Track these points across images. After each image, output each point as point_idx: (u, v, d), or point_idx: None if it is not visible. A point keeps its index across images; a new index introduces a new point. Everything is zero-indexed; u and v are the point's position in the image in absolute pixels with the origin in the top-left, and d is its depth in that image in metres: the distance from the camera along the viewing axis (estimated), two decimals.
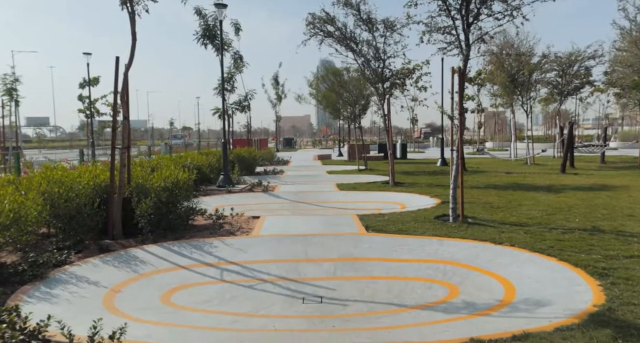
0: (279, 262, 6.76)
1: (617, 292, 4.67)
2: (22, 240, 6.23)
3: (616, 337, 3.63)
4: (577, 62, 22.59)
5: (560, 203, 10.18)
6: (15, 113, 19.84)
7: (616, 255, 5.96)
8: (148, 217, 7.40)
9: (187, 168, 10.72)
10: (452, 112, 8.30)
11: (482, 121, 38.74)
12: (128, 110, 7.35)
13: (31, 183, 6.91)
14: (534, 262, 6.00)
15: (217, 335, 4.35)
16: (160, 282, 5.98)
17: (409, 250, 6.95)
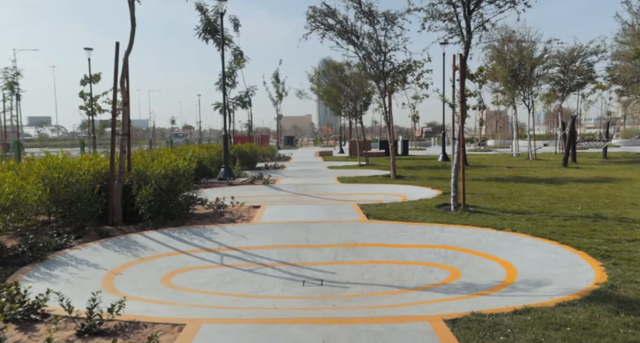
0: (280, 248, 6.74)
1: (620, 271, 4.64)
2: (22, 224, 6.24)
3: (618, 311, 3.60)
4: (580, 58, 22.55)
5: (562, 193, 10.14)
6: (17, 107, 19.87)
7: (619, 239, 5.93)
8: (148, 203, 7.38)
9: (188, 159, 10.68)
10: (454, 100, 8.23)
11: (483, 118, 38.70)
12: (128, 96, 7.33)
13: (31, 168, 6.90)
14: (535, 246, 5.97)
15: (216, 311, 4.33)
16: (160, 265, 5.96)
17: (410, 237, 6.92)
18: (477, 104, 32.13)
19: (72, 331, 3.43)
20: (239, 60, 21.03)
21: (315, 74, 21.81)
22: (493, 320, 3.47)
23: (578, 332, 3.24)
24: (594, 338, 3.14)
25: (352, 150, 27.13)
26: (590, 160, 20.73)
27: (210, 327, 3.47)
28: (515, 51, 20.80)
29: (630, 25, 17.22)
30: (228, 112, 18.73)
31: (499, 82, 23.92)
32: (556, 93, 24.11)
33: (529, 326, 3.36)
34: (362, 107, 23.54)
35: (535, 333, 3.24)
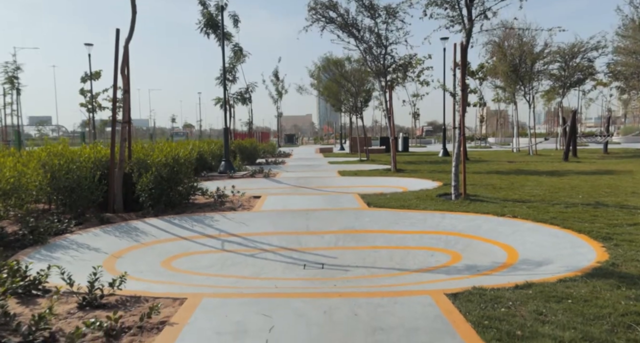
0: (281, 234, 6.73)
1: (621, 251, 4.63)
2: (23, 209, 6.23)
3: (619, 286, 3.59)
4: (580, 54, 22.50)
5: (563, 184, 10.13)
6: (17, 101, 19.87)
7: (620, 224, 5.92)
8: (149, 191, 7.38)
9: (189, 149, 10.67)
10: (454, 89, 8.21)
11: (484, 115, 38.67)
12: (128, 83, 7.33)
13: (31, 155, 6.90)
14: (536, 230, 5.96)
15: (217, 290, 4.33)
16: (161, 250, 5.96)
17: (411, 223, 6.91)
18: (478, 100, 32.04)
19: (73, 304, 3.42)
20: (238, 56, 21.03)
21: (315, 69, 21.79)
22: (494, 294, 3.47)
23: (579, 304, 3.24)
24: (596, 309, 3.13)
25: (353, 146, 27.12)
26: (591, 155, 20.72)
27: (211, 301, 3.47)
28: (515, 47, 20.79)
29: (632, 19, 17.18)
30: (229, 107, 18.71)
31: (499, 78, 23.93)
32: (557, 90, 24.07)
33: (530, 299, 3.36)
34: (362, 104, 23.51)
35: (537, 305, 3.24)
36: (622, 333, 2.78)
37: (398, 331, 2.86)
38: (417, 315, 3.12)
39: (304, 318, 3.09)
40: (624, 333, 2.78)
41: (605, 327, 2.86)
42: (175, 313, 3.23)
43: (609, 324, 2.90)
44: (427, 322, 3.00)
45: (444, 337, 2.78)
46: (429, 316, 3.09)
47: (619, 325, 2.88)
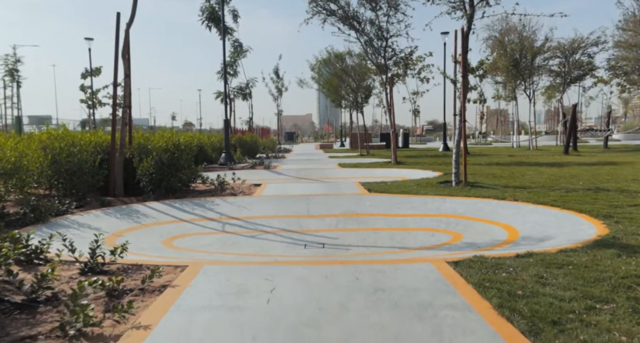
0: (281, 218, 6.73)
1: (622, 227, 4.64)
2: (24, 190, 6.24)
3: (620, 254, 3.60)
4: (580, 49, 22.49)
5: (563, 173, 10.13)
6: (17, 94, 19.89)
7: (620, 205, 5.92)
8: (150, 176, 7.39)
9: (189, 138, 10.68)
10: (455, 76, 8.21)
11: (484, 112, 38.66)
12: (129, 67, 7.33)
13: (32, 139, 6.91)
14: (537, 211, 5.96)
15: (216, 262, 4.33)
16: (162, 231, 5.96)
17: (412, 207, 6.92)
18: (478, 97, 32.01)
19: (75, 271, 3.43)
20: (239, 51, 21.05)
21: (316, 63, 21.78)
22: (495, 262, 3.48)
23: (580, 269, 3.24)
24: (596, 273, 3.14)
25: (353, 142, 27.11)
26: (592, 150, 20.72)
27: (213, 267, 3.48)
28: (516, 42, 20.79)
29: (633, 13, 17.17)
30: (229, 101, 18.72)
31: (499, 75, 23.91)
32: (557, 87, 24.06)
33: (530, 265, 3.36)
34: (362, 99, 23.51)
35: (537, 270, 3.24)
36: (622, 292, 2.78)
37: (399, 291, 2.86)
38: (418, 278, 3.12)
39: (305, 281, 3.09)
40: (624, 292, 2.78)
41: (605, 288, 2.87)
42: (176, 278, 3.23)
43: (609, 286, 2.91)
44: (428, 284, 3.01)
45: (444, 295, 2.78)
46: (430, 279, 3.10)
47: (619, 286, 2.88)
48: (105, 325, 2.44)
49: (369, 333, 2.26)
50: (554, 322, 2.36)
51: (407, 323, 2.38)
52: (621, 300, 2.65)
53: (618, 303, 2.61)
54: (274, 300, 2.74)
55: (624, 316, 2.44)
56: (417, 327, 2.34)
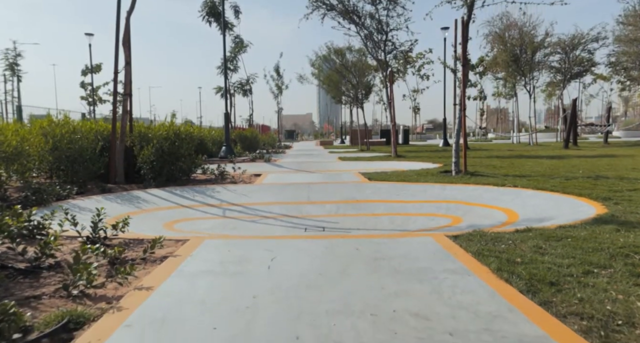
0: (282, 204, 6.75)
1: (621, 207, 4.66)
2: (26, 175, 6.26)
3: (619, 230, 3.62)
4: (580, 45, 22.48)
5: (563, 164, 10.15)
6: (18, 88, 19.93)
7: (620, 190, 5.94)
8: (150, 163, 7.41)
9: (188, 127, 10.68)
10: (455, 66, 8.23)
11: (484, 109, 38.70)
12: (130, 55, 7.35)
13: (33, 125, 6.92)
14: (537, 196, 5.98)
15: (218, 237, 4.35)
16: (163, 215, 5.98)
17: (412, 194, 6.94)
18: (478, 94, 32.06)
19: (77, 245, 3.45)
20: (240, 47, 21.07)
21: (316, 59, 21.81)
22: (495, 235, 3.50)
23: (579, 241, 3.26)
24: (595, 244, 3.16)
25: (353, 139, 27.13)
26: (592, 145, 20.73)
27: (214, 241, 3.50)
28: (516, 37, 20.80)
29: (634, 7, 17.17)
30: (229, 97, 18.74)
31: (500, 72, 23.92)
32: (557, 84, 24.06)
33: (530, 238, 3.38)
34: (363, 95, 23.53)
35: (536, 242, 3.26)
36: (620, 259, 2.80)
37: (399, 259, 2.89)
38: (418, 249, 3.14)
39: (306, 252, 3.11)
40: (622, 259, 2.80)
41: (603, 256, 2.89)
42: (177, 250, 3.26)
43: (607, 254, 2.93)
44: (428, 253, 3.03)
45: (444, 262, 2.80)
46: (430, 250, 3.12)
47: (617, 255, 2.90)
48: (108, 288, 2.47)
49: (369, 293, 2.29)
50: (551, 283, 2.38)
51: (406, 284, 2.40)
52: (619, 266, 2.67)
53: (615, 269, 2.63)
54: (274, 267, 2.76)
55: (621, 279, 2.46)
56: (416, 286, 2.36)
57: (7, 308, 1.88)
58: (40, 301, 2.27)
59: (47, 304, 2.23)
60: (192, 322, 1.97)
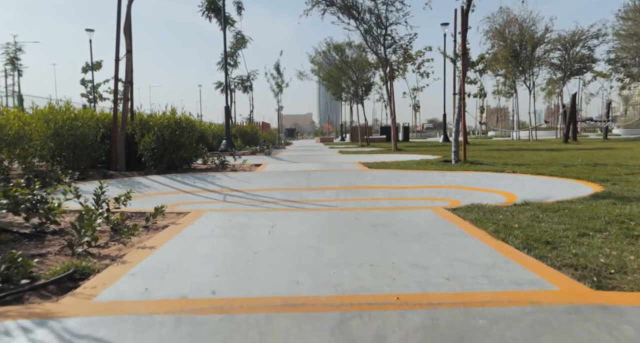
0: (282, 190, 6.79)
1: (618, 187, 4.70)
2: (27, 161, 6.30)
3: (615, 203, 3.66)
4: (580, 42, 22.52)
5: (562, 154, 10.20)
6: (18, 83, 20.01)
7: (618, 174, 5.98)
8: (151, 151, 7.45)
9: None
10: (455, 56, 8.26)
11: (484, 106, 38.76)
12: (131, 43, 7.39)
13: (35, 112, 6.96)
14: (535, 180, 6.03)
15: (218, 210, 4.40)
16: (164, 200, 6.01)
17: (411, 180, 6.98)
18: (478, 91, 32.10)
19: None
20: (241, 43, 21.12)
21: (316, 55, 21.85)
22: (493, 208, 3.54)
23: (575, 211, 3.31)
24: (591, 213, 3.20)
25: (354, 135, 27.17)
26: (591, 140, 20.78)
27: (215, 213, 3.54)
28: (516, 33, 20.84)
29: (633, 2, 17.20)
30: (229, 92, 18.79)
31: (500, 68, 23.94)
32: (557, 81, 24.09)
33: (527, 210, 3.43)
34: (363, 92, 23.58)
35: (534, 212, 3.31)
36: (615, 225, 2.84)
37: (398, 226, 2.93)
38: (417, 218, 3.19)
39: (306, 220, 3.16)
40: (617, 225, 2.84)
41: (599, 223, 2.93)
42: (179, 220, 3.30)
43: (603, 221, 2.97)
44: (427, 221, 3.07)
45: (442, 227, 2.85)
46: (429, 219, 3.16)
47: (612, 221, 2.95)
48: (111, 248, 2.51)
49: (368, 250, 2.33)
50: (547, 242, 2.42)
51: (405, 244, 2.45)
52: (614, 230, 2.71)
53: (611, 232, 2.67)
54: (275, 232, 2.80)
55: (616, 240, 2.50)
56: (414, 245, 2.40)
57: (15, 256, 1.92)
58: (46, 258, 2.31)
59: (53, 260, 2.27)
60: (195, 271, 2.02)
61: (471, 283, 1.79)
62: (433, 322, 1.48)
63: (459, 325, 1.46)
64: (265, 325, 1.48)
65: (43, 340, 1.39)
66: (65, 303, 1.68)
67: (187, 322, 1.50)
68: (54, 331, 1.43)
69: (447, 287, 1.76)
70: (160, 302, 1.65)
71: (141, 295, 1.73)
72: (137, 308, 1.60)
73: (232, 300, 1.65)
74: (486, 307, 1.56)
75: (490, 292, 1.70)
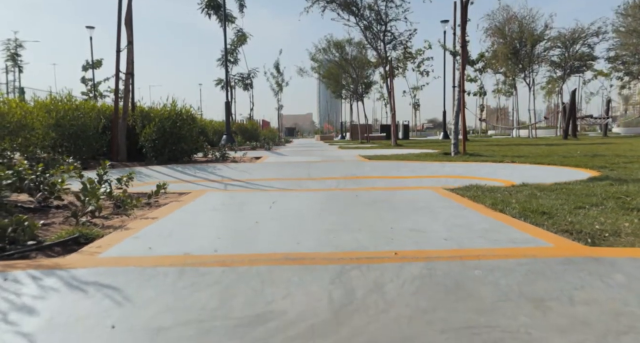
0: (282, 180, 6.83)
1: (616, 172, 4.74)
2: (29, 150, 6.34)
3: (612, 184, 3.70)
4: (581, 40, 22.57)
5: (561, 148, 10.25)
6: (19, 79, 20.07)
7: (616, 162, 6.03)
8: (152, 142, 7.49)
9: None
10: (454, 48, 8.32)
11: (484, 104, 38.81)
12: (132, 35, 7.43)
13: (36, 103, 7.01)
14: (535, 169, 6.08)
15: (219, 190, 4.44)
16: None
17: (411, 170, 7.02)
18: (478, 90, 32.09)
19: None
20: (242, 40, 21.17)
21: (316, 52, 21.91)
22: (491, 187, 3.58)
23: (572, 190, 3.35)
24: (588, 192, 3.24)
25: (354, 133, 27.23)
26: (591, 137, 20.84)
27: (215, 192, 3.58)
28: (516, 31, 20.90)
29: None
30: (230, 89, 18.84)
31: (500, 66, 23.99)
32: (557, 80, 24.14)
33: (525, 189, 3.47)
34: (363, 89, 23.62)
35: (532, 191, 3.35)
36: (611, 200, 2.88)
37: (397, 201, 2.97)
38: (416, 195, 3.23)
39: (307, 197, 3.20)
40: (614, 200, 2.88)
41: (596, 198, 2.97)
42: (180, 198, 3.34)
43: (599, 198, 3.01)
44: (426, 198, 3.11)
45: (441, 202, 2.89)
46: (428, 197, 3.20)
47: (609, 197, 2.99)
48: (115, 220, 2.55)
49: (368, 219, 2.37)
50: (543, 213, 2.46)
51: (404, 214, 2.49)
52: (610, 204, 2.75)
53: (607, 206, 2.71)
54: (276, 207, 2.84)
55: (611, 211, 2.54)
56: (414, 216, 2.44)
57: (22, 219, 1.96)
58: (51, 226, 2.35)
59: (58, 228, 2.31)
60: (197, 235, 2.06)
61: (468, 243, 1.83)
62: (430, 272, 1.52)
63: (455, 274, 1.50)
64: (266, 275, 1.52)
65: (52, 286, 1.43)
66: (71, 258, 1.72)
67: (190, 273, 1.54)
68: (62, 279, 1.48)
69: (444, 245, 1.80)
70: (164, 257, 1.70)
71: (145, 253, 1.77)
72: (142, 262, 1.64)
73: (234, 256, 1.69)
74: (482, 259, 1.60)
75: (486, 248, 1.74)
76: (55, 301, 1.36)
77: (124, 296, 1.39)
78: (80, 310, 1.33)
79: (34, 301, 1.35)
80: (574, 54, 22.69)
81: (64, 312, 1.32)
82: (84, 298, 1.39)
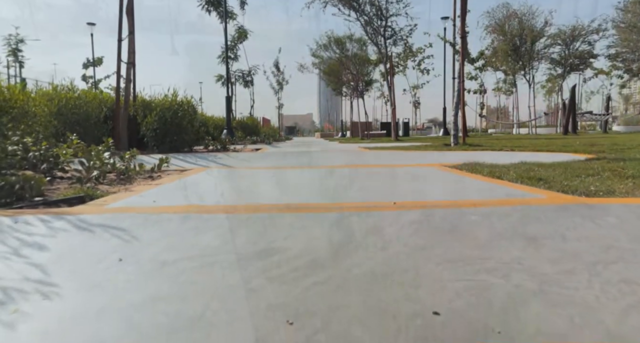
0: (282, 169, 6.88)
1: (613, 155, 4.78)
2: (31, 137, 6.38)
3: (609, 162, 3.74)
4: (581, 37, 22.57)
5: (561, 141, 10.29)
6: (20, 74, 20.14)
7: (614, 149, 6.07)
8: (154, 131, 7.54)
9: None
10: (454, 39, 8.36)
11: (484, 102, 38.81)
12: (133, 25, 7.48)
13: (38, 92, 7.06)
14: (535, 155, 6.08)
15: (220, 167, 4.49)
16: None
17: (412, 159, 7.05)
18: (478, 88, 32.13)
19: None
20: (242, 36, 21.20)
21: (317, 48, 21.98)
22: (492, 165, 3.63)
23: (569, 165, 3.39)
24: (585, 166, 3.28)
25: (354, 131, 27.27)
26: (591, 134, 20.88)
27: (217, 169, 3.63)
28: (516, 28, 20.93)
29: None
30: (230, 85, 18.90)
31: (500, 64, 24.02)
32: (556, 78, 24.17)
33: (523, 166, 3.51)
34: (363, 86, 23.67)
35: (529, 166, 3.39)
36: (608, 172, 2.93)
37: (398, 174, 3.02)
38: (417, 170, 3.27)
39: (308, 173, 3.25)
40: (610, 172, 2.93)
41: (592, 171, 3.01)
42: (182, 173, 3.39)
43: (596, 170, 3.05)
44: (426, 172, 3.16)
45: (440, 175, 2.93)
46: (428, 171, 3.25)
47: (605, 170, 3.03)
48: (118, 187, 2.60)
49: (369, 184, 2.41)
50: (540, 179, 2.51)
51: (405, 182, 2.53)
52: (606, 174, 2.79)
53: (603, 175, 2.75)
54: (277, 178, 2.89)
55: (607, 179, 2.58)
56: (414, 183, 2.49)
57: (29, 177, 2.01)
58: (56, 191, 2.40)
59: (63, 192, 2.36)
60: (199, 194, 2.10)
61: (465, 196, 1.87)
62: (428, 218, 1.56)
63: (452, 219, 1.54)
64: (268, 221, 1.57)
65: (61, 227, 1.48)
66: (79, 208, 1.76)
67: (194, 218, 1.58)
68: (71, 222, 1.52)
69: (442, 198, 1.84)
70: (168, 207, 1.74)
71: (150, 205, 1.82)
72: (147, 210, 1.69)
73: (237, 206, 1.74)
74: (479, 207, 1.65)
75: (482, 199, 1.78)
76: (64, 239, 1.41)
77: (131, 236, 1.43)
78: (88, 247, 1.38)
79: (44, 239, 1.40)
80: (574, 52, 22.71)
81: (73, 248, 1.36)
82: (92, 238, 1.43)
